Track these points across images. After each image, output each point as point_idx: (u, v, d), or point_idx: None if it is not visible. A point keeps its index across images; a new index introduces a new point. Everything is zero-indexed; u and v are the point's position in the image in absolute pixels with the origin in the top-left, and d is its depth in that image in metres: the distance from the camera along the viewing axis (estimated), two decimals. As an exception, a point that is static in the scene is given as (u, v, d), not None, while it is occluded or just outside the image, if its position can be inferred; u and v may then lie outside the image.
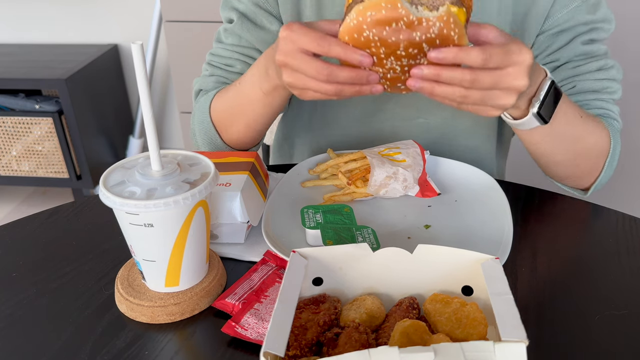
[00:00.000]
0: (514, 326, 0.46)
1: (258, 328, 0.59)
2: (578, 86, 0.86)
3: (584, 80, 0.86)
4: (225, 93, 0.89)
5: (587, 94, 0.86)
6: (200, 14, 1.93)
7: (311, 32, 0.63)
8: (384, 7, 0.58)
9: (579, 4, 0.85)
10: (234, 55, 0.93)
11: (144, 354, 0.58)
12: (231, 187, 0.71)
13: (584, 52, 0.86)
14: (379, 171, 0.78)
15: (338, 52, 0.62)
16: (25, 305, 0.65)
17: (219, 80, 0.94)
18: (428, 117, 0.95)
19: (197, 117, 0.92)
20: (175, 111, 2.55)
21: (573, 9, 0.85)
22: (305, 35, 0.63)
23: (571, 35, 0.86)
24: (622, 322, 0.61)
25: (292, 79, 0.67)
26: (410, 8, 0.58)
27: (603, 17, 0.86)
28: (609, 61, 0.87)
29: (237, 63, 0.93)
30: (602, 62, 0.86)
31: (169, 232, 0.59)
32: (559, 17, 0.86)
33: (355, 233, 0.71)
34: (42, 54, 2.32)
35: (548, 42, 0.88)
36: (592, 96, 0.86)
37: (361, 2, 0.60)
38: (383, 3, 0.58)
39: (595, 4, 0.86)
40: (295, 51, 0.64)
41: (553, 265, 0.70)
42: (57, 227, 0.79)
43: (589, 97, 0.86)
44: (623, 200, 2.05)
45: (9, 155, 2.22)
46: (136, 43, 0.54)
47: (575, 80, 0.86)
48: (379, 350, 0.43)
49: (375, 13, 0.59)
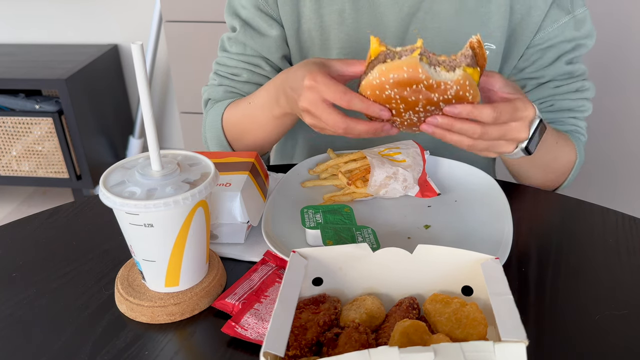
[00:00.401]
0: (513, 326, 0.46)
1: (258, 328, 0.59)
2: (556, 105, 0.93)
3: (562, 99, 0.92)
4: (235, 109, 0.92)
5: (563, 112, 0.93)
6: (200, 14, 1.93)
7: (334, 85, 0.69)
8: (405, 71, 0.62)
9: (568, 20, 0.88)
10: (240, 65, 0.95)
11: (144, 354, 0.58)
12: (231, 187, 0.71)
13: (566, 72, 0.92)
14: (379, 171, 0.78)
15: (360, 107, 0.68)
16: (25, 305, 0.65)
17: (227, 90, 0.96)
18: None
19: (208, 126, 0.95)
20: (175, 111, 2.55)
21: (563, 25, 0.89)
22: (328, 87, 0.69)
23: (557, 53, 0.91)
24: (622, 322, 0.61)
25: (313, 122, 0.74)
26: (430, 70, 0.62)
27: (587, 33, 0.90)
28: (585, 83, 0.93)
29: (244, 72, 0.95)
30: (580, 83, 0.92)
31: (168, 232, 0.59)
32: (550, 32, 0.89)
33: (355, 233, 0.71)
34: (42, 54, 2.32)
35: (536, 57, 0.91)
36: (567, 114, 0.93)
37: (384, 63, 0.64)
38: (405, 67, 0.62)
39: (581, 19, 0.89)
40: (318, 101, 0.70)
41: (553, 266, 0.70)
42: (57, 227, 0.79)
43: (564, 115, 0.93)
44: (623, 200, 2.05)
45: (9, 155, 2.22)
46: (136, 43, 0.54)
47: (555, 99, 0.93)
48: (379, 350, 0.43)
49: (397, 75, 0.62)
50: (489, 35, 0.88)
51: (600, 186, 2.02)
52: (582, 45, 0.91)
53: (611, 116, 1.91)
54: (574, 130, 0.94)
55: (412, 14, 0.88)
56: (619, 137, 1.95)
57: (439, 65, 0.63)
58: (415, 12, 0.88)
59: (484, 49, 0.65)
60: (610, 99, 1.88)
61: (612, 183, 2.04)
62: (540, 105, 0.92)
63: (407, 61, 0.62)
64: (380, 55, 0.65)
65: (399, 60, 0.63)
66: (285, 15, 0.91)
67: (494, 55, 0.90)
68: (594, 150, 0.96)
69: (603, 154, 1.95)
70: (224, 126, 0.93)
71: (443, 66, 0.63)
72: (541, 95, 0.93)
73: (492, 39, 0.88)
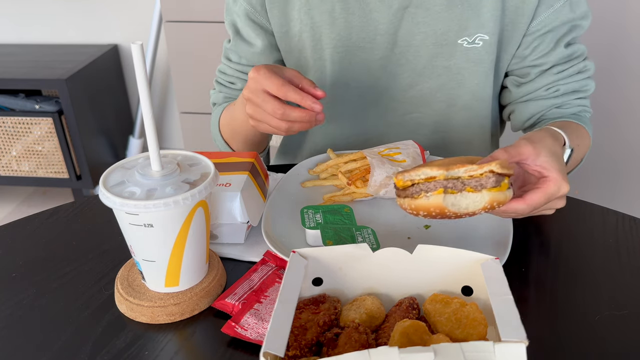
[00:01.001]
0: (513, 326, 0.46)
1: (258, 328, 0.59)
2: (561, 89, 0.92)
3: (566, 83, 0.92)
4: (226, 112, 0.97)
5: (569, 94, 0.93)
6: (200, 14, 1.93)
7: (274, 77, 0.74)
8: (433, 211, 0.62)
9: (563, 3, 0.88)
10: (235, 74, 1.00)
11: (144, 354, 0.58)
12: (231, 188, 0.71)
13: (567, 55, 0.92)
14: (378, 171, 0.78)
15: (294, 98, 0.73)
16: (25, 305, 0.65)
17: (225, 96, 1.02)
18: (422, 112, 0.96)
19: (212, 127, 1.02)
20: (175, 111, 2.54)
21: (558, 9, 0.88)
22: (268, 79, 0.74)
23: (555, 37, 0.90)
24: (622, 322, 0.61)
25: (252, 111, 0.78)
26: (457, 203, 0.61)
27: (583, 14, 0.90)
28: (587, 63, 0.93)
29: (238, 81, 1.00)
30: (582, 64, 0.93)
31: (168, 232, 0.59)
32: (545, 18, 0.88)
33: (355, 233, 0.71)
34: (42, 54, 2.32)
35: (536, 43, 0.91)
36: (572, 96, 0.93)
37: (411, 198, 0.63)
38: (432, 208, 0.61)
39: (577, 1, 0.89)
40: (258, 90, 0.75)
41: (553, 266, 0.70)
42: (57, 227, 0.79)
43: (570, 97, 0.93)
44: (623, 200, 2.05)
45: (9, 155, 2.22)
46: (136, 43, 0.54)
47: (559, 84, 0.92)
48: (378, 350, 0.43)
49: (427, 213, 0.63)
50: (482, 26, 0.88)
51: (600, 186, 2.02)
52: (579, 27, 0.91)
53: (611, 116, 1.91)
54: (582, 111, 0.94)
55: (404, 8, 0.88)
56: (619, 137, 1.95)
57: (465, 187, 0.62)
58: (406, 6, 0.88)
59: (507, 166, 0.64)
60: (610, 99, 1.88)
61: (612, 183, 2.04)
62: (545, 92, 0.93)
63: (433, 203, 0.61)
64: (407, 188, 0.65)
65: (426, 201, 0.62)
66: (273, 19, 0.93)
67: (487, 45, 0.90)
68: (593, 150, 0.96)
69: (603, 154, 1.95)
70: (221, 128, 0.99)
71: (469, 187, 0.62)
72: (546, 82, 0.92)
73: (485, 29, 0.88)
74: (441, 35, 0.89)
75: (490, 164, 0.60)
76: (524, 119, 0.96)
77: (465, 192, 0.61)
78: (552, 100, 0.93)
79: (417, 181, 0.62)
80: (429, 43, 0.90)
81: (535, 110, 0.94)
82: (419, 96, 0.95)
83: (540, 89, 0.93)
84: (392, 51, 0.91)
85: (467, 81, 0.93)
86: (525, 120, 0.96)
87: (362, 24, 0.90)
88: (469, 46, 0.90)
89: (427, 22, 0.89)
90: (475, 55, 0.90)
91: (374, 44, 0.91)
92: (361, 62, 0.93)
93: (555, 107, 0.93)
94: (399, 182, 0.64)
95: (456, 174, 0.61)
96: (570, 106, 0.93)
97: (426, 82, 0.93)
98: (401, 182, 0.63)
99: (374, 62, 0.93)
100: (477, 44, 0.90)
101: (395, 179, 0.64)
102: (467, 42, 0.89)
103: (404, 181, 0.63)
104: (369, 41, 0.91)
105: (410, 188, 0.63)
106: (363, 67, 0.93)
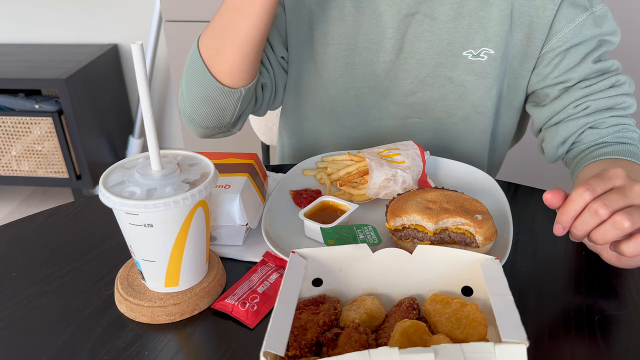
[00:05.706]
0: (514, 327, 0.46)
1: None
2: (592, 106, 0.85)
3: (597, 99, 0.85)
4: (211, 21, 0.83)
5: (602, 112, 0.85)
6: (200, 14, 1.93)
7: None
8: None
9: (586, 18, 0.84)
10: None
11: (144, 354, 0.58)
12: (230, 189, 0.71)
13: (596, 70, 0.86)
14: (377, 174, 0.78)
15: None
16: (25, 305, 0.65)
17: None
18: (422, 117, 0.95)
19: (187, 62, 0.87)
20: (175, 111, 2.55)
21: (580, 24, 0.85)
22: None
23: (582, 52, 0.86)
24: (622, 322, 0.61)
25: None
26: None
27: (611, 30, 0.86)
28: (620, 77, 0.86)
29: None
30: (614, 78, 0.85)
31: (168, 232, 0.59)
32: (567, 33, 0.85)
33: (356, 231, 0.71)
34: (42, 54, 2.32)
35: (557, 60, 0.87)
36: (607, 114, 0.85)
37: (401, 240, 0.68)
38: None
39: (602, 15, 0.85)
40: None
41: (553, 266, 0.70)
42: (57, 227, 0.79)
43: (604, 115, 0.85)
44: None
45: (9, 155, 2.22)
46: (136, 43, 0.54)
47: (589, 99, 0.85)
48: (379, 350, 0.43)
49: None
50: (488, 40, 0.87)
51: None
52: (607, 42, 0.85)
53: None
54: (621, 129, 0.85)
55: (411, 15, 0.88)
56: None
57: (451, 240, 0.67)
58: (414, 13, 0.88)
59: (491, 237, 0.66)
60: None
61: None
62: (574, 110, 0.86)
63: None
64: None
65: (414, 247, 0.60)
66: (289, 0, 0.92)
67: (492, 60, 0.88)
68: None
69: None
70: (200, 48, 0.84)
71: (455, 240, 0.67)
72: (572, 98, 0.86)
73: (491, 44, 0.87)
74: (446, 46, 0.89)
75: (477, 233, 0.65)
76: (557, 144, 0.88)
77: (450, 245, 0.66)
78: (584, 119, 0.85)
79: (408, 226, 0.67)
80: (433, 52, 0.89)
81: (567, 133, 0.87)
82: (420, 103, 0.94)
83: (568, 106, 0.86)
84: (398, 56, 0.91)
85: (469, 94, 0.91)
86: (558, 146, 0.88)
87: (371, 25, 0.90)
88: (473, 59, 0.88)
89: (433, 31, 0.88)
90: (479, 68, 0.89)
91: (380, 46, 0.91)
92: (366, 62, 0.93)
93: (589, 127, 0.85)
94: (390, 226, 0.68)
95: (444, 225, 0.66)
96: (606, 124, 0.84)
97: (428, 90, 0.93)
98: (393, 227, 0.68)
99: (379, 65, 0.93)
100: (482, 58, 0.88)
101: (387, 224, 0.69)
102: (472, 54, 0.88)
103: (395, 226, 0.68)
104: (375, 43, 0.91)
105: (401, 231, 0.68)
106: (367, 68, 0.93)
